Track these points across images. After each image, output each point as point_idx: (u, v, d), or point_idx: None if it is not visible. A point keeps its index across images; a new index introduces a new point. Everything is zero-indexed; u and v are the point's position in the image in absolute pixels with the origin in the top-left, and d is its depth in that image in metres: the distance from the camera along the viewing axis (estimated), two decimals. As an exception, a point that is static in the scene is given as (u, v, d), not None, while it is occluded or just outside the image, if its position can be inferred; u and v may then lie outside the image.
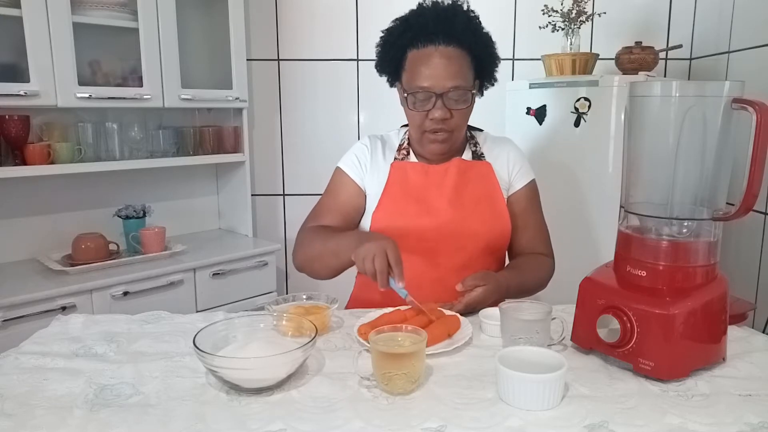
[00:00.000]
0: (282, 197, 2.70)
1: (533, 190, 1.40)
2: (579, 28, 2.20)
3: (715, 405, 0.81)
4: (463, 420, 0.78)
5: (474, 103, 1.28)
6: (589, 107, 2.02)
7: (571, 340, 1.01)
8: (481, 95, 1.36)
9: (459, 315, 1.11)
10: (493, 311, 1.09)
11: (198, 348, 0.85)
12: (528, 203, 1.38)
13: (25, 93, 1.79)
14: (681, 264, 0.92)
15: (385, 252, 1.07)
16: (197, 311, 2.07)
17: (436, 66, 1.22)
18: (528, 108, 2.22)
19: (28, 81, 1.80)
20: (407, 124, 1.35)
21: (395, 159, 1.36)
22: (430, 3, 1.27)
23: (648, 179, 1.00)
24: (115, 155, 2.09)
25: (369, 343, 0.89)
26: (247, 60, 2.39)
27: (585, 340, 0.98)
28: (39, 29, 1.80)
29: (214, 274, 2.14)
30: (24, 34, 1.77)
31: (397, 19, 1.29)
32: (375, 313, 1.14)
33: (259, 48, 2.55)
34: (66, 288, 1.78)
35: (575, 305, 1.00)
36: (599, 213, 2.04)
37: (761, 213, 2.05)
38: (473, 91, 1.27)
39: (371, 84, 2.56)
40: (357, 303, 1.39)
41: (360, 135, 2.63)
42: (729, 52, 2.28)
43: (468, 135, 1.39)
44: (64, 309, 1.76)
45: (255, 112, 2.59)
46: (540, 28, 2.21)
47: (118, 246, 2.14)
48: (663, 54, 2.27)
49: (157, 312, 1.21)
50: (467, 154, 1.37)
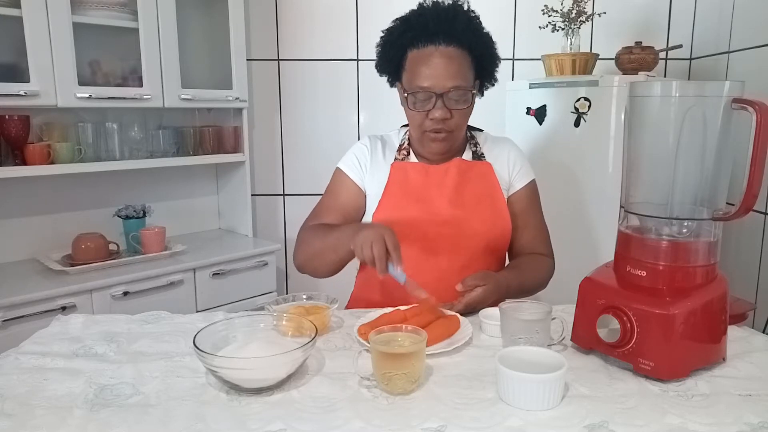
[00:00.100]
0: (282, 197, 2.70)
1: (533, 190, 1.40)
2: (579, 28, 2.20)
3: (715, 405, 0.81)
4: (463, 420, 0.78)
5: (474, 103, 1.28)
6: (589, 107, 2.02)
7: (571, 340, 1.01)
8: (482, 95, 1.36)
9: (459, 315, 1.12)
10: (493, 311, 1.09)
11: (198, 348, 0.85)
12: (528, 203, 1.38)
13: (25, 93, 1.79)
14: (681, 264, 0.92)
15: (383, 238, 1.07)
16: (197, 311, 2.07)
17: (436, 66, 1.22)
18: (528, 108, 2.22)
19: (28, 81, 1.80)
20: (407, 124, 1.35)
21: (395, 159, 1.36)
22: (430, 3, 1.27)
23: (648, 179, 1.00)
24: (115, 155, 2.09)
25: (369, 343, 0.89)
26: (247, 60, 2.39)
27: (585, 340, 0.98)
28: (39, 29, 1.80)
29: (214, 274, 2.14)
30: (24, 34, 1.77)
31: (398, 19, 1.29)
32: (375, 313, 1.14)
33: (259, 48, 2.55)
34: (66, 288, 1.78)
35: (575, 305, 1.00)
36: (599, 213, 2.04)
37: (761, 213, 2.05)
38: (473, 91, 1.27)
39: (371, 84, 2.56)
40: (357, 303, 1.39)
41: (360, 135, 2.63)
42: (729, 52, 2.28)
43: (468, 135, 1.39)
44: (64, 309, 1.76)
45: (255, 112, 2.59)
46: (540, 28, 2.21)
47: (118, 246, 2.14)
48: (663, 54, 2.27)
49: (157, 312, 1.21)
50: (467, 154, 1.37)
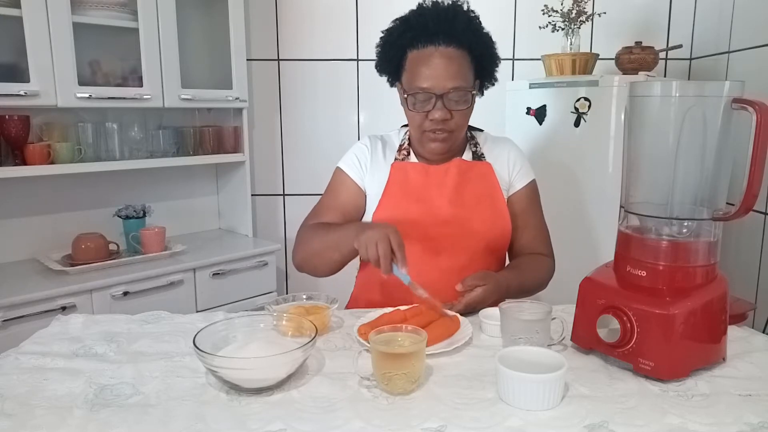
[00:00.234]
0: (282, 197, 2.69)
1: (533, 190, 1.40)
2: (579, 28, 2.20)
3: (715, 405, 0.81)
4: (463, 420, 0.78)
5: (474, 104, 1.28)
6: (589, 107, 2.02)
7: (571, 340, 1.01)
8: (482, 95, 1.36)
9: (459, 315, 1.11)
10: (493, 311, 1.08)
11: (198, 348, 0.85)
12: (528, 203, 1.38)
13: (25, 93, 1.79)
14: (681, 264, 0.92)
15: (388, 237, 1.07)
16: (197, 311, 2.07)
17: (436, 66, 1.22)
18: (528, 108, 2.22)
19: (28, 81, 1.80)
20: (407, 124, 1.35)
21: (395, 159, 1.36)
22: (430, 3, 1.27)
23: (648, 179, 1.00)
24: (115, 155, 2.09)
25: (369, 343, 0.89)
26: (247, 60, 2.39)
27: (585, 340, 0.98)
28: (39, 29, 1.80)
29: (214, 274, 2.14)
30: (24, 34, 1.77)
31: (398, 19, 1.29)
32: (375, 313, 1.14)
33: (259, 48, 2.55)
34: (66, 288, 1.78)
35: (575, 305, 1.00)
36: (599, 213, 2.04)
37: (761, 213, 2.05)
38: (473, 92, 1.27)
39: (371, 84, 2.56)
40: (357, 303, 1.39)
41: (360, 135, 2.63)
42: (729, 52, 2.28)
43: (468, 135, 1.39)
44: (64, 309, 1.76)
45: (255, 112, 2.59)
46: (540, 28, 2.21)
47: (118, 246, 2.14)
48: (663, 54, 2.27)
49: (157, 312, 1.21)
50: (467, 154, 1.37)
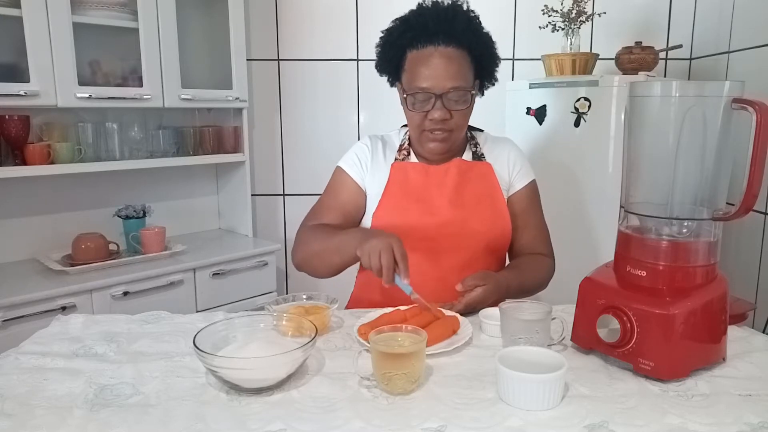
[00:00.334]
0: (282, 197, 2.69)
1: (533, 190, 1.40)
2: (579, 28, 2.20)
3: (715, 405, 0.81)
4: (463, 420, 0.78)
5: (474, 103, 1.28)
6: (589, 107, 2.02)
7: (571, 340, 1.01)
8: (482, 95, 1.36)
9: (459, 315, 1.11)
10: (493, 311, 1.08)
11: (198, 348, 0.85)
12: (528, 203, 1.38)
13: (25, 93, 1.79)
14: (681, 264, 0.92)
15: (392, 248, 1.06)
16: (197, 311, 2.07)
17: (435, 66, 1.22)
18: (528, 108, 2.22)
19: (28, 81, 1.80)
20: (407, 124, 1.35)
21: (396, 159, 1.36)
22: (430, 3, 1.27)
23: (648, 179, 1.00)
24: (115, 155, 2.09)
25: (369, 343, 0.89)
26: (247, 60, 2.39)
27: (585, 340, 0.98)
28: (39, 29, 1.80)
29: (214, 274, 2.14)
30: (24, 34, 1.77)
31: (397, 19, 1.29)
32: (375, 313, 1.14)
33: (259, 48, 2.55)
34: (66, 288, 1.78)
35: (575, 305, 1.00)
36: (599, 213, 2.04)
37: (761, 213, 2.05)
38: (473, 92, 1.27)
39: (371, 84, 2.56)
40: (357, 303, 1.39)
41: (360, 135, 2.63)
42: (729, 52, 2.28)
43: (468, 135, 1.39)
44: (64, 309, 1.76)
45: (255, 112, 2.59)
46: (540, 28, 2.21)
47: (118, 246, 2.14)
48: (663, 54, 2.27)
49: (157, 312, 1.21)
50: (467, 154, 1.37)
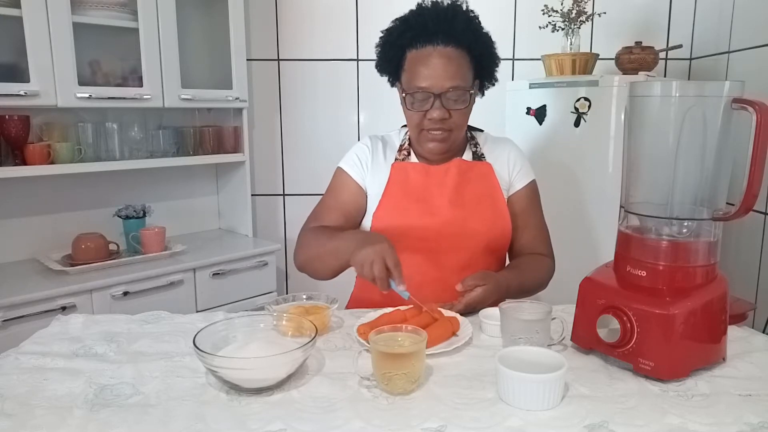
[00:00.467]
0: (282, 197, 2.70)
1: (533, 190, 1.40)
2: (579, 28, 2.20)
3: (715, 405, 0.81)
4: (463, 420, 0.78)
5: (473, 103, 1.28)
6: (589, 107, 2.02)
7: (571, 340, 1.01)
8: (482, 95, 1.36)
9: (459, 315, 1.11)
10: (493, 311, 1.08)
11: (198, 348, 0.85)
12: (528, 203, 1.38)
13: (25, 93, 1.79)
14: (681, 264, 0.92)
15: (383, 257, 1.07)
16: (197, 311, 2.07)
17: (434, 66, 1.22)
18: (528, 108, 2.22)
19: (28, 81, 1.80)
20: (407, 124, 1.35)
21: (396, 159, 1.36)
22: (429, 3, 1.27)
23: (648, 179, 1.00)
24: (115, 155, 2.09)
25: (369, 343, 0.89)
26: (247, 60, 2.39)
27: (585, 340, 0.98)
28: (39, 29, 1.80)
29: (214, 274, 2.14)
30: (24, 34, 1.77)
31: (397, 19, 1.29)
32: (375, 313, 1.14)
33: (259, 48, 2.55)
34: (66, 288, 1.78)
35: (575, 305, 1.00)
36: (599, 213, 2.04)
37: (761, 213, 2.05)
38: (472, 92, 1.27)
39: (371, 84, 2.56)
40: (357, 303, 1.39)
41: (360, 135, 2.63)
42: (729, 52, 2.28)
43: (468, 135, 1.39)
44: (64, 309, 1.76)
45: (255, 112, 2.59)
46: (540, 28, 2.21)
47: (118, 246, 2.14)
48: (663, 54, 2.27)
49: (157, 312, 1.21)
50: (467, 154, 1.37)
